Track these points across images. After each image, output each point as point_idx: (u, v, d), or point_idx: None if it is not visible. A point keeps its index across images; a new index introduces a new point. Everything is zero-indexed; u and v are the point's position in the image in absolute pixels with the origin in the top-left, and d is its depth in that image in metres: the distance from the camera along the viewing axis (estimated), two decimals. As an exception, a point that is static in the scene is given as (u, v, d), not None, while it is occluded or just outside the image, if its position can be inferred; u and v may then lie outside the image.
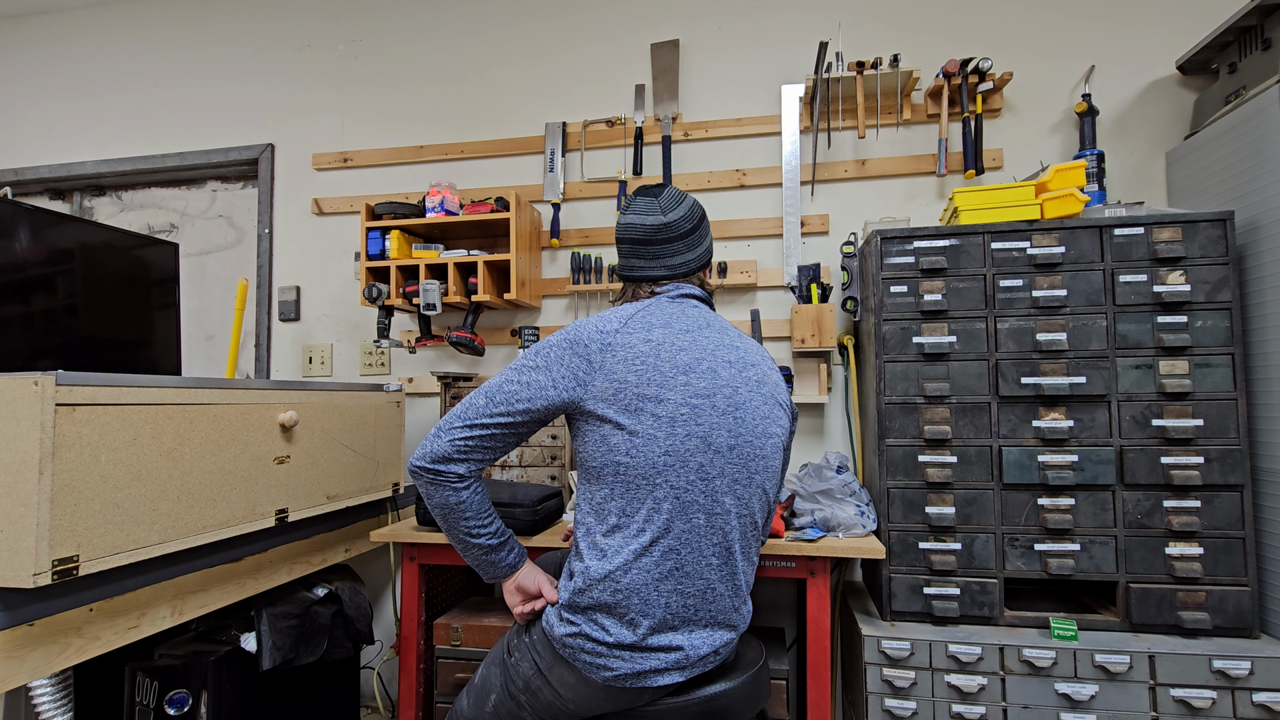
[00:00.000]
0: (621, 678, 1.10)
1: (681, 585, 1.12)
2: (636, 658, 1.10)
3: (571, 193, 2.47)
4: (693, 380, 1.13)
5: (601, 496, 1.14)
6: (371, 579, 2.52)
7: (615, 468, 1.11)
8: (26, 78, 2.99)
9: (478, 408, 1.13)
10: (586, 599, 1.12)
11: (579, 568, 1.14)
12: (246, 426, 1.54)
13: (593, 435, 1.13)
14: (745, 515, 1.17)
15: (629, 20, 2.47)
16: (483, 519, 1.18)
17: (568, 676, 1.13)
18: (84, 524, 1.17)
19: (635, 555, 1.10)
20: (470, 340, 2.24)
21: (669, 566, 1.11)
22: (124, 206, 3.00)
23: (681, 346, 1.15)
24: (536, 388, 1.13)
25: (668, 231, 1.25)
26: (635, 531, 1.11)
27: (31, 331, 1.75)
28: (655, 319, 1.18)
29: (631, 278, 1.30)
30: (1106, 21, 2.15)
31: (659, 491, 1.10)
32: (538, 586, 1.23)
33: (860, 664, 1.71)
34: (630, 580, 1.10)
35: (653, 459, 1.09)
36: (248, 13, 2.80)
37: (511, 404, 1.13)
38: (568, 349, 1.14)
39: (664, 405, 1.10)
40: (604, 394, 1.11)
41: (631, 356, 1.12)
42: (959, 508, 1.72)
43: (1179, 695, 1.53)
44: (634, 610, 1.10)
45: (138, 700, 1.58)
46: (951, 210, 1.93)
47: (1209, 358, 1.65)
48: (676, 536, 1.11)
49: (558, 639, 1.13)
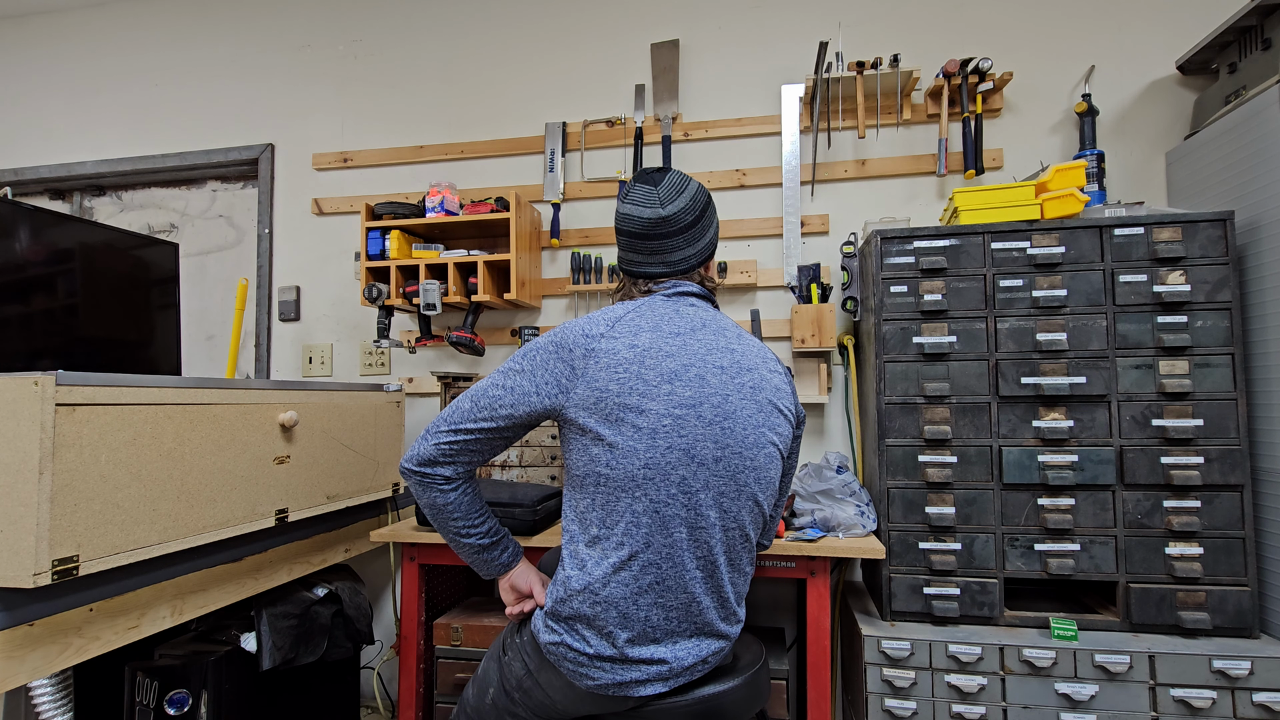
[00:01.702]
0: (604, 686, 1.09)
1: (663, 599, 1.08)
2: (617, 669, 1.08)
3: (571, 193, 2.47)
4: (678, 389, 1.07)
5: (584, 505, 1.11)
6: (371, 579, 2.52)
7: (596, 478, 1.08)
8: (26, 78, 2.99)
9: (462, 412, 1.12)
10: (568, 609, 1.10)
11: (561, 577, 1.13)
12: (246, 426, 1.54)
13: (576, 443, 1.11)
14: (732, 528, 1.12)
15: (629, 20, 2.47)
16: (472, 519, 1.17)
17: (555, 680, 1.13)
18: (84, 524, 1.17)
19: (614, 569, 1.07)
20: (470, 340, 2.24)
21: (649, 581, 1.07)
22: (124, 206, 3.00)
23: (669, 352, 1.09)
24: (520, 393, 1.11)
25: (666, 226, 1.16)
26: (615, 544, 1.08)
27: (31, 331, 1.76)
28: (644, 322, 1.12)
29: (629, 273, 1.24)
30: (1106, 21, 2.15)
31: (638, 505, 1.06)
32: (529, 587, 1.22)
33: (860, 664, 1.71)
34: (609, 593, 1.07)
35: (632, 472, 1.06)
36: (248, 13, 2.80)
37: (495, 409, 1.11)
38: (553, 353, 1.12)
39: (645, 416, 1.06)
40: (585, 402, 1.07)
41: (615, 363, 1.07)
42: (959, 508, 1.72)
43: (1179, 695, 1.54)
44: (612, 623, 1.07)
45: (138, 700, 1.58)
46: (951, 210, 1.93)
47: (1209, 358, 1.65)
48: (656, 550, 1.07)
49: (543, 645, 1.13)
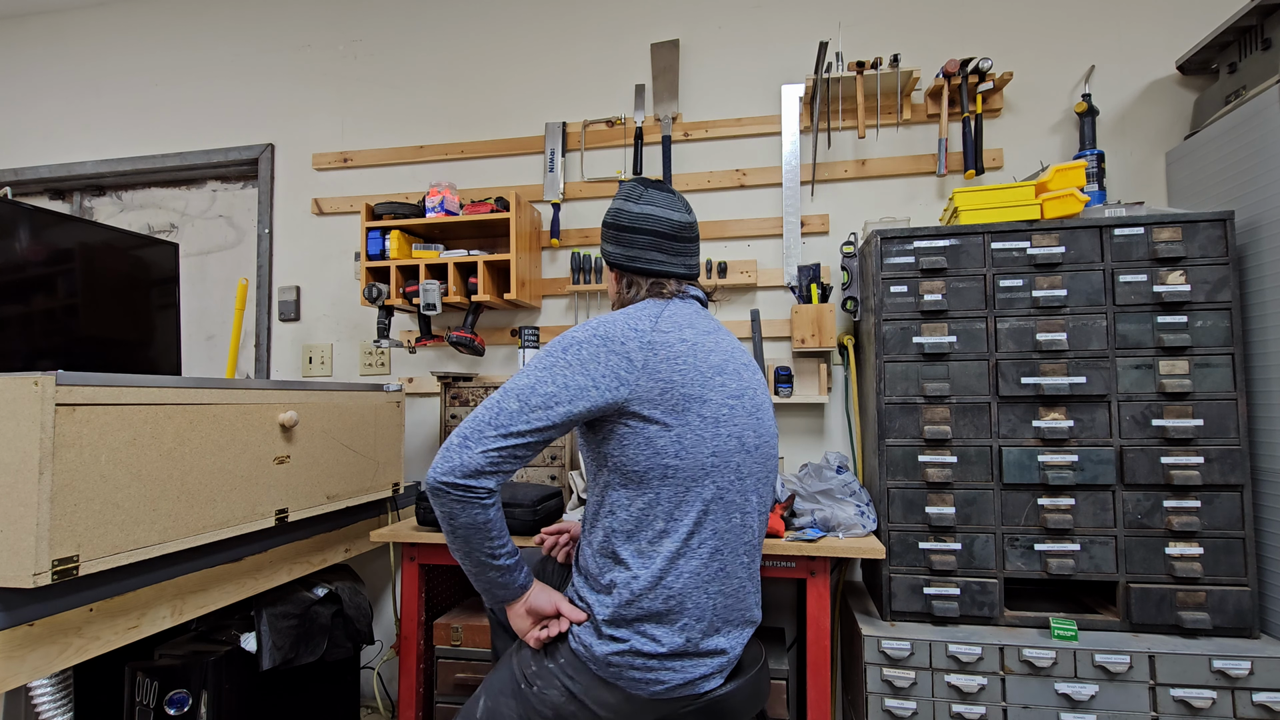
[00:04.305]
0: (671, 689, 1.06)
1: (724, 587, 1.11)
2: (687, 666, 1.07)
3: (571, 193, 2.47)
4: (726, 381, 1.12)
5: (645, 502, 1.08)
6: (371, 579, 2.52)
7: (663, 470, 1.07)
8: (27, 78, 2.99)
9: (510, 413, 1.03)
10: (635, 610, 1.06)
11: (622, 578, 1.08)
12: (246, 426, 1.54)
13: (634, 438, 1.07)
14: (763, 513, 1.19)
15: (629, 20, 2.47)
16: (503, 536, 1.09)
17: (608, 697, 1.07)
18: (84, 524, 1.17)
19: (686, 560, 1.07)
20: (470, 340, 2.24)
21: (715, 569, 1.09)
22: (124, 206, 3.00)
23: (710, 348, 1.13)
24: (575, 389, 1.04)
25: (689, 231, 1.23)
26: (685, 535, 1.07)
27: (31, 331, 1.76)
28: (682, 319, 1.15)
29: (651, 272, 1.21)
30: (1106, 21, 2.15)
31: (706, 493, 1.08)
32: (554, 606, 1.14)
33: (860, 664, 1.71)
34: (683, 585, 1.07)
35: (700, 460, 1.07)
36: (248, 13, 2.80)
37: (550, 407, 1.03)
38: (601, 347, 1.07)
39: (707, 405, 1.09)
40: (649, 395, 1.06)
41: (673, 355, 1.09)
42: (959, 508, 1.72)
43: (1179, 695, 1.53)
44: (687, 615, 1.07)
45: (138, 700, 1.58)
46: (951, 210, 1.92)
47: (1209, 358, 1.65)
48: (720, 537, 1.10)
49: (600, 659, 1.06)
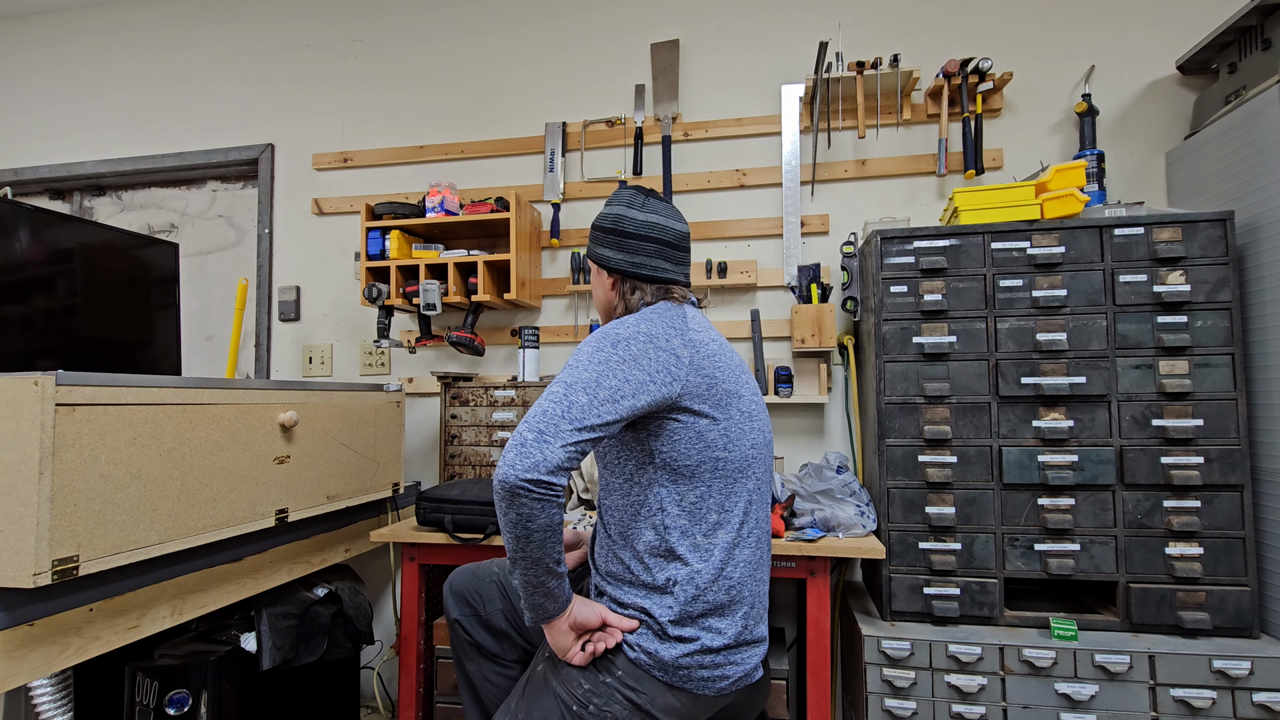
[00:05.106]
0: (735, 682, 1.10)
1: (761, 574, 1.17)
2: (744, 655, 1.11)
3: (571, 193, 2.47)
4: (747, 379, 1.20)
5: (697, 495, 1.09)
6: (371, 579, 2.52)
7: (714, 463, 1.10)
8: (27, 78, 2.99)
9: (581, 406, 0.98)
10: (701, 605, 1.06)
11: (683, 574, 1.07)
12: (246, 426, 1.54)
13: (684, 433, 1.08)
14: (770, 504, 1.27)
15: (629, 20, 2.47)
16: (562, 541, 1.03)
17: (674, 702, 1.06)
18: (84, 524, 1.17)
19: (740, 548, 1.12)
20: (470, 340, 2.24)
21: (758, 557, 1.15)
22: (124, 206, 3.00)
23: (726, 349, 1.20)
24: (637, 384, 1.03)
25: (688, 241, 1.28)
26: (737, 525, 1.12)
27: (31, 331, 1.76)
28: (698, 323, 1.20)
29: (658, 279, 1.22)
30: (1106, 21, 2.15)
31: (750, 483, 1.14)
32: (599, 618, 1.09)
33: (860, 664, 1.71)
34: (740, 575, 1.11)
35: (744, 452, 1.13)
36: (248, 13, 2.80)
37: (616, 401, 1.00)
38: (648, 343, 1.07)
39: (742, 400, 1.15)
40: (698, 389, 1.09)
41: (710, 354, 1.14)
42: (959, 508, 1.72)
43: (1179, 695, 1.53)
44: (744, 603, 1.11)
45: (138, 700, 1.58)
46: (951, 210, 1.92)
47: (1209, 358, 1.65)
48: (759, 525, 1.16)
49: (669, 664, 1.05)
